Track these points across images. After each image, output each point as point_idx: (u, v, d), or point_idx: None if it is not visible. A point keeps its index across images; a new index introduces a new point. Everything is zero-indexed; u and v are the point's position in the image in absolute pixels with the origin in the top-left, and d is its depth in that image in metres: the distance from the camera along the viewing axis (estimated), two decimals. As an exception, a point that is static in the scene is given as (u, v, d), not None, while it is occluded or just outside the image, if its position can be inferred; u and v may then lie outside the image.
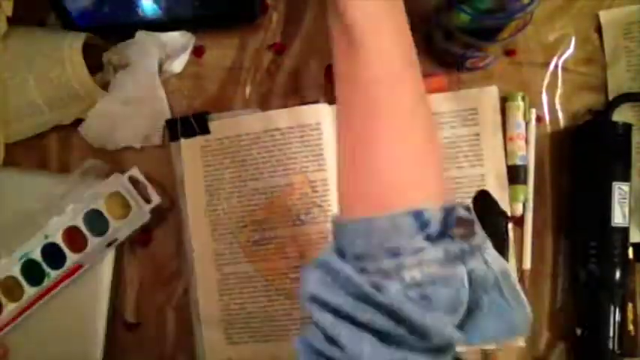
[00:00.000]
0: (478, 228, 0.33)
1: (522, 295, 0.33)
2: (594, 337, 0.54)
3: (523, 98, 0.56)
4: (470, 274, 0.32)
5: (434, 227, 0.31)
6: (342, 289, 0.32)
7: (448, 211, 0.32)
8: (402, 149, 0.34)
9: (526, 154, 0.56)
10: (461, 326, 0.32)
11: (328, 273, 0.33)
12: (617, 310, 0.54)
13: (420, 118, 0.35)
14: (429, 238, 0.31)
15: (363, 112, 0.35)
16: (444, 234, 0.32)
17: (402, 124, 0.34)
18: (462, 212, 0.32)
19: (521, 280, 0.56)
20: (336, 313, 0.32)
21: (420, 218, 0.31)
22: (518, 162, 0.56)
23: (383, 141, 0.34)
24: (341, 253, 0.34)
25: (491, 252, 0.33)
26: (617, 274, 0.53)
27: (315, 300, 0.33)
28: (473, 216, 0.33)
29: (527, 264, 0.56)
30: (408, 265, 0.31)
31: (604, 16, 0.58)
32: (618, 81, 0.57)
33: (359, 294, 0.31)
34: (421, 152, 0.35)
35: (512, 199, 0.56)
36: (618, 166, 0.54)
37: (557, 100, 0.59)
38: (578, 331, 0.55)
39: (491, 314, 0.32)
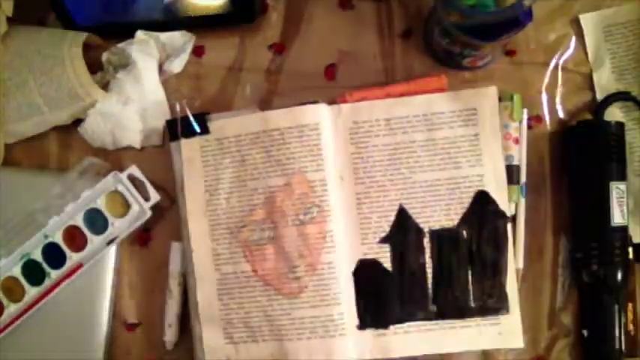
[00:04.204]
0: None
1: None
2: (601, 337, 0.54)
3: (511, 98, 0.56)
4: None
5: None
6: None
7: None
8: None
9: (515, 154, 0.56)
10: None
11: None
12: (622, 310, 0.54)
13: None
14: None
15: None
16: None
17: None
18: None
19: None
20: None
21: None
22: (505, 162, 0.56)
23: None
24: None
25: None
26: (620, 275, 0.54)
27: None
28: None
29: (520, 263, 0.56)
30: None
31: (584, 19, 0.58)
32: (605, 83, 0.58)
33: None
34: None
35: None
36: (614, 165, 0.54)
37: (557, 100, 0.59)
38: (585, 333, 0.55)
39: None
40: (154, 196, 0.58)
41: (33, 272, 0.58)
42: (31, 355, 0.58)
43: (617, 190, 0.53)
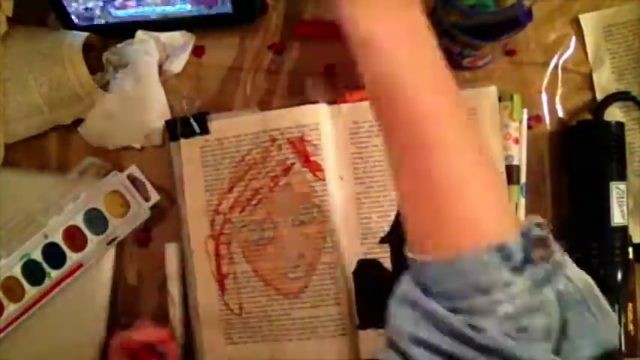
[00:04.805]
0: (553, 244, 0.33)
1: (607, 307, 0.33)
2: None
3: (511, 98, 0.56)
4: (557, 295, 0.31)
5: (517, 257, 0.32)
6: (439, 329, 0.32)
7: (526, 236, 0.32)
8: (472, 178, 0.34)
9: (515, 154, 0.56)
10: (556, 351, 0.31)
11: (416, 309, 0.34)
12: (622, 310, 0.54)
13: (473, 132, 0.36)
14: (514, 270, 0.31)
15: (414, 140, 0.35)
16: (526, 261, 0.32)
17: (461, 147, 0.34)
18: (537, 232, 0.32)
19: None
20: (435, 351, 0.32)
21: (504, 252, 0.31)
22: (505, 162, 0.56)
23: (447, 171, 0.34)
24: (425, 290, 0.34)
25: (571, 267, 0.33)
26: (620, 275, 0.54)
27: (416, 339, 0.33)
28: (546, 231, 0.33)
29: None
30: (499, 301, 0.31)
31: (584, 19, 0.58)
32: (604, 83, 0.58)
33: (457, 335, 0.31)
34: (490, 177, 0.35)
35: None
36: (614, 165, 0.54)
37: (557, 100, 0.59)
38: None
39: (581, 332, 0.32)
40: (154, 196, 0.58)
41: (33, 272, 0.58)
42: (30, 354, 0.58)
43: (617, 190, 0.53)
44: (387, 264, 0.56)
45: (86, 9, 0.56)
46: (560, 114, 0.59)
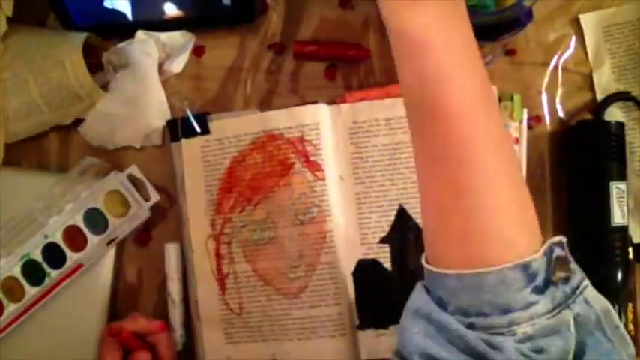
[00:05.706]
0: (573, 264, 0.33)
1: (624, 332, 0.32)
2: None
3: (511, 98, 0.56)
4: (575, 317, 0.31)
5: (540, 277, 0.31)
6: (451, 343, 0.32)
7: (548, 255, 0.32)
8: (502, 195, 0.33)
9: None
10: None
11: (430, 323, 0.33)
12: (622, 310, 0.54)
13: (511, 153, 0.35)
14: (536, 290, 0.31)
15: (452, 155, 0.33)
16: (547, 281, 0.31)
17: (497, 166, 0.33)
18: (558, 251, 0.32)
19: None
20: None
21: (527, 270, 0.31)
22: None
23: (481, 188, 0.33)
24: (441, 304, 0.33)
25: (590, 290, 0.33)
26: (620, 275, 0.54)
27: (424, 353, 0.32)
28: (566, 251, 0.33)
29: None
30: (519, 321, 0.31)
31: (584, 19, 0.58)
32: (605, 83, 0.58)
33: (472, 351, 0.31)
34: (519, 195, 0.34)
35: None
36: (614, 165, 0.54)
37: (557, 100, 0.59)
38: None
39: (597, 356, 0.31)
40: (154, 196, 0.58)
41: (33, 272, 0.58)
42: (31, 355, 0.58)
43: (617, 190, 0.53)
44: (387, 264, 0.56)
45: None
46: (560, 114, 0.59)
